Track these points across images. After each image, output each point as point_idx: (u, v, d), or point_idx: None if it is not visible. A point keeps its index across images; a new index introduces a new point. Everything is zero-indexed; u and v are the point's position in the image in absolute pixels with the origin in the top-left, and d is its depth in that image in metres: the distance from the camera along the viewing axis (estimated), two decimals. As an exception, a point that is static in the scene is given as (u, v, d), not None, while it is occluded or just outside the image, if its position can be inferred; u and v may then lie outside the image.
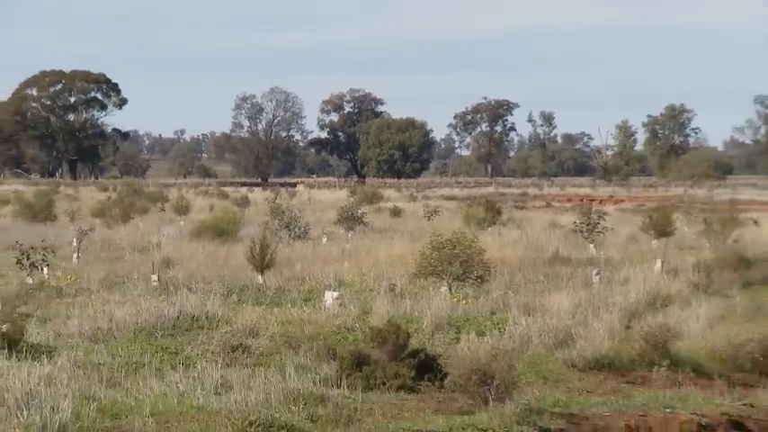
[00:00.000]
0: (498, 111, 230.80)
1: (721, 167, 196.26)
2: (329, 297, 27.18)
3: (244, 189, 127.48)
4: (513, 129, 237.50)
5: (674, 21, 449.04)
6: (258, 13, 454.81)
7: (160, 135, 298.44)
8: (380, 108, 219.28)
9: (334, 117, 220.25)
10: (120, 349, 21.43)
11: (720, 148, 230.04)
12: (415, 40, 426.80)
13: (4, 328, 20.86)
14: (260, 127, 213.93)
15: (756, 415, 20.76)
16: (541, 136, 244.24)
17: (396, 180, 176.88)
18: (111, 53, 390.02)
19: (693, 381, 22.56)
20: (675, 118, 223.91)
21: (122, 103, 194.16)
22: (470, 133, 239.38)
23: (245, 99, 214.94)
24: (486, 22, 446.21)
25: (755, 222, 60.61)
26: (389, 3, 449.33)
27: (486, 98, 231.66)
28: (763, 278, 33.29)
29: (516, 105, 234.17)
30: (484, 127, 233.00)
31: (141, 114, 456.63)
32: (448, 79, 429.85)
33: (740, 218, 59.12)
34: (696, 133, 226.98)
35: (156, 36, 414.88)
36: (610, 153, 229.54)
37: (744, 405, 21.22)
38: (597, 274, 33.32)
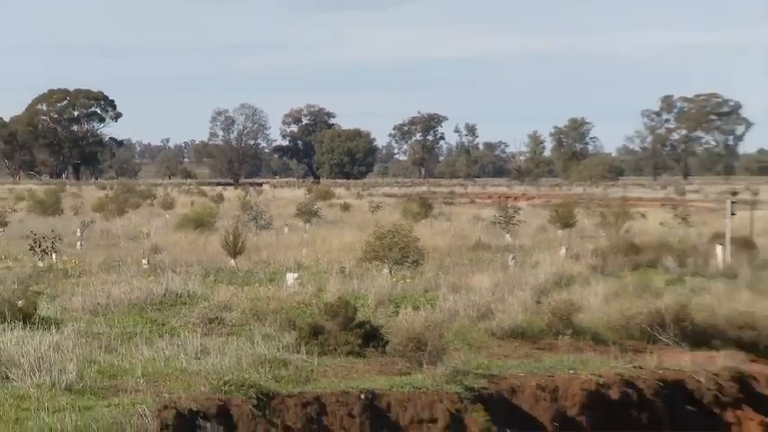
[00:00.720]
0: (430, 123, 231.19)
1: (614, 170, 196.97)
2: (290, 278, 27.17)
3: (219, 188, 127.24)
4: (442, 138, 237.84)
5: (576, 48, 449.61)
6: (232, 42, 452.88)
7: (149, 143, 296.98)
8: (332, 120, 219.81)
9: (294, 128, 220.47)
10: (116, 321, 21.37)
11: (614, 154, 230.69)
12: (362, 65, 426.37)
13: (20, 303, 20.84)
14: (232, 136, 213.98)
15: (644, 375, 20.85)
16: (466, 144, 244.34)
17: (345, 180, 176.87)
18: (110, 74, 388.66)
19: (592, 347, 22.64)
20: (577, 129, 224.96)
21: (118, 116, 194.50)
22: (407, 141, 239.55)
23: (219, 113, 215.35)
24: (421, 51, 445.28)
25: (642, 215, 60.96)
26: (339, 34, 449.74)
27: (420, 112, 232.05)
28: (648, 261, 33.38)
29: (445, 118, 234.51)
30: (418, 136, 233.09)
31: (134, 125, 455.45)
32: (389, 96, 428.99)
33: (630, 212, 59.45)
34: (594, 141, 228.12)
35: (148, 59, 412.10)
36: (522, 158, 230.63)
37: (634, 367, 21.31)
38: (512, 258, 33.36)
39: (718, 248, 34.78)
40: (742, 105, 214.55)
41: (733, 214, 42.58)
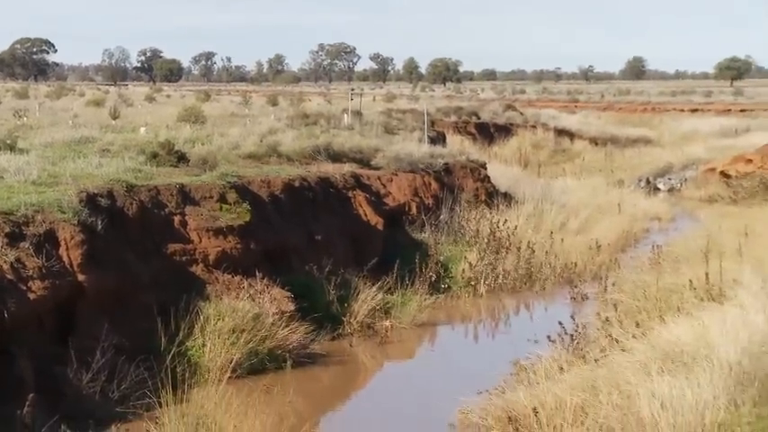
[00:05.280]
0: (209, 56, 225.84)
1: (296, 79, 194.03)
2: (142, 130, 26.28)
3: (106, 87, 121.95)
4: (214, 63, 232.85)
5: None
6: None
7: (71, 64, 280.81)
8: (161, 54, 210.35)
9: (143, 58, 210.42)
10: (56, 151, 20.35)
11: (296, 70, 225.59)
12: (178, 29, 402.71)
13: (8, 141, 19.99)
14: (113, 60, 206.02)
15: (311, 175, 21.00)
16: (227, 65, 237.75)
17: (169, 83, 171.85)
18: (54, 28, 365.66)
19: (287, 162, 22.59)
20: (279, 60, 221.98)
21: (55, 51, 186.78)
22: (198, 64, 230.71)
23: (106, 50, 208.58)
24: (204, 21, 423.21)
25: (310, 100, 60.70)
26: (168, 9, 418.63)
27: (204, 50, 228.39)
28: (313, 122, 33.04)
29: (215, 53, 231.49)
30: (203, 62, 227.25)
31: (63, 55, 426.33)
32: (186, 42, 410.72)
33: (303, 98, 59.24)
34: (286, 65, 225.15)
35: (74, 23, 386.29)
36: (253, 73, 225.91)
37: (306, 171, 21.42)
38: (248, 120, 32.93)
39: (345, 115, 34.97)
40: (356, 47, 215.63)
41: (352, 99, 42.85)
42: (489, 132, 49.50)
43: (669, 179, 39.73)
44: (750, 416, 8.51)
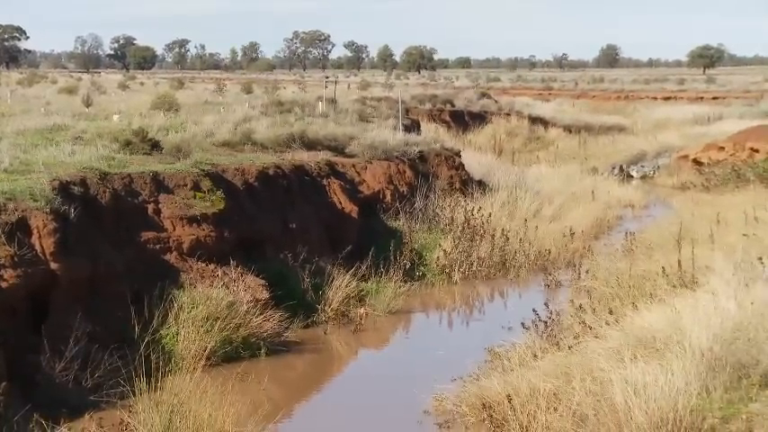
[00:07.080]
0: (182, 44, 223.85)
1: (271, 67, 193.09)
2: (115, 117, 26.07)
3: (79, 75, 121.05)
4: (188, 50, 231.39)
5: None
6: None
7: (44, 51, 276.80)
8: (135, 41, 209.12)
9: (116, 45, 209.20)
10: (28, 138, 20.13)
11: (271, 58, 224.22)
12: (150, 16, 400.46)
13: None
14: (86, 47, 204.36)
15: (285, 163, 20.93)
16: (200, 54, 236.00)
17: (143, 71, 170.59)
18: (28, 19, 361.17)
19: (261, 150, 22.47)
20: (254, 47, 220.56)
21: (27, 38, 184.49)
22: (172, 51, 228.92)
23: (79, 37, 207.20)
24: (182, 9, 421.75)
25: (284, 88, 60.32)
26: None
27: (177, 38, 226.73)
28: (287, 109, 32.83)
29: (189, 40, 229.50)
30: (177, 49, 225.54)
31: (36, 42, 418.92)
32: (162, 30, 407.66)
33: (278, 86, 58.92)
34: (261, 52, 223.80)
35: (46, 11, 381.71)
36: (227, 61, 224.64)
37: (281, 159, 21.33)
38: (222, 108, 32.65)
39: (319, 103, 34.80)
40: (330, 35, 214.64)
41: (326, 87, 42.70)
42: (464, 120, 49.46)
43: (642, 167, 39.91)
44: (721, 401, 8.59)
